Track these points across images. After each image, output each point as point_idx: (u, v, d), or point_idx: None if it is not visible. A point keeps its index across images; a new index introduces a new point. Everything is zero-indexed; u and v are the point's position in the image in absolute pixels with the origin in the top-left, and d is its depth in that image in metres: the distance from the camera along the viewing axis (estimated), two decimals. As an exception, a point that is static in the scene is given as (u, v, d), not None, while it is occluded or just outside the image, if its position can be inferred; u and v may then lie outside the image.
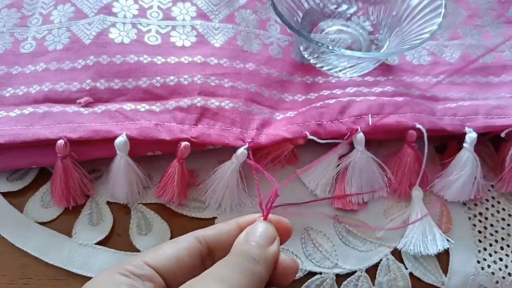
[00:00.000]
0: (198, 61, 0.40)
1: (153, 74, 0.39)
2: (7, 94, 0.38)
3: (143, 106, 0.37)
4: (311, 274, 0.34)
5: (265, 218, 0.27)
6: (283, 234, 0.28)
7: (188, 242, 0.26)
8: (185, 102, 0.37)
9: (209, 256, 0.26)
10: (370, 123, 0.36)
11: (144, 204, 0.36)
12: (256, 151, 0.37)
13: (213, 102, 0.37)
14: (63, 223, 0.35)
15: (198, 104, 0.37)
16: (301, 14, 0.45)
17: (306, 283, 0.33)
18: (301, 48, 0.43)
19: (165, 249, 0.25)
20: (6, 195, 0.36)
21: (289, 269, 0.26)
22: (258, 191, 0.31)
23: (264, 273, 0.24)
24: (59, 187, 0.34)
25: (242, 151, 0.34)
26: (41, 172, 0.37)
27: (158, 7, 0.44)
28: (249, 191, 0.36)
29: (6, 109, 0.37)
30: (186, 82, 0.38)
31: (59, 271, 0.33)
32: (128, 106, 0.37)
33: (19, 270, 0.33)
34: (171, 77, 0.39)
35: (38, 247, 0.33)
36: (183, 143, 0.34)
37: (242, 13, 0.45)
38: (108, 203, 0.36)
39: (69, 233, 0.34)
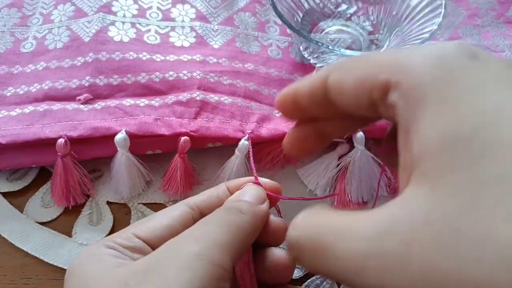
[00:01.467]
0: (197, 59, 0.40)
1: (152, 70, 0.39)
2: (8, 94, 0.38)
3: (142, 101, 0.37)
4: (311, 274, 0.34)
5: (256, 179, 0.27)
6: (273, 197, 0.27)
7: (179, 210, 0.25)
8: (184, 96, 0.37)
9: None
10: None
11: (144, 204, 0.36)
12: (257, 152, 0.37)
13: (212, 97, 0.37)
14: (63, 223, 0.35)
15: (197, 98, 0.37)
16: (301, 14, 0.45)
17: (306, 283, 0.33)
18: (301, 48, 0.43)
19: (156, 220, 0.24)
20: (6, 195, 0.36)
21: (279, 228, 0.26)
22: (251, 162, 0.31)
23: (249, 223, 0.23)
24: (59, 186, 0.34)
25: (243, 142, 0.34)
26: (41, 172, 0.37)
27: (158, 8, 0.44)
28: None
29: (7, 108, 0.37)
30: (185, 78, 0.39)
31: (59, 271, 0.33)
32: (128, 101, 0.37)
33: (19, 270, 0.33)
34: (170, 73, 0.39)
35: (38, 247, 0.33)
36: (183, 138, 0.34)
37: (241, 16, 0.45)
38: (108, 203, 0.36)
39: (69, 233, 0.34)
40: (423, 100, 0.15)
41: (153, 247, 0.22)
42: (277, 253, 0.26)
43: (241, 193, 0.26)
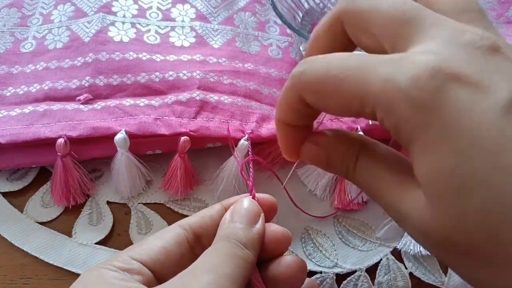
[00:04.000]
0: (197, 59, 0.40)
1: (152, 70, 0.39)
2: (8, 94, 0.38)
3: (142, 101, 0.37)
4: (311, 273, 0.34)
5: (253, 197, 0.27)
6: (269, 211, 0.28)
7: (173, 232, 0.25)
8: (184, 96, 0.37)
9: (197, 243, 0.26)
10: (370, 123, 0.36)
11: (144, 204, 0.36)
12: (257, 152, 0.37)
13: (212, 97, 0.37)
14: (63, 223, 0.35)
15: (197, 98, 0.37)
16: (301, 14, 0.45)
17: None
18: (301, 48, 0.43)
19: (150, 242, 0.25)
20: (6, 195, 0.36)
21: (282, 237, 0.27)
22: (241, 171, 0.31)
23: (251, 255, 0.24)
24: (59, 186, 0.34)
25: (242, 142, 0.34)
26: (41, 171, 0.37)
27: (158, 8, 0.44)
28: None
29: (7, 108, 0.37)
30: (185, 78, 0.39)
31: (59, 271, 0.33)
32: (127, 101, 0.37)
33: (19, 270, 0.33)
34: (170, 73, 0.39)
35: (38, 247, 0.33)
36: (183, 138, 0.34)
37: (241, 16, 0.45)
38: (108, 203, 0.36)
39: (69, 233, 0.34)
40: (410, 140, 0.18)
41: (150, 268, 0.23)
42: (287, 262, 0.26)
43: (235, 211, 0.26)
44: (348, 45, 0.23)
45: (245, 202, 0.27)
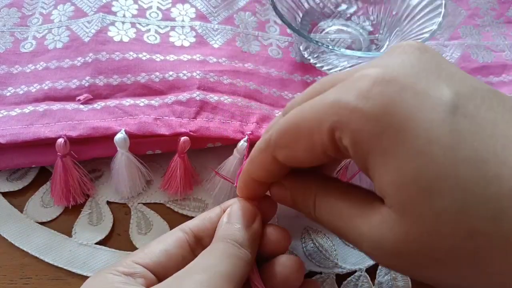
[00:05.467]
0: (197, 59, 0.40)
1: (152, 70, 0.39)
2: (8, 94, 0.38)
3: (142, 101, 0.37)
4: (311, 273, 0.34)
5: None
6: (268, 211, 0.28)
7: (174, 235, 0.26)
8: (184, 96, 0.37)
9: (198, 245, 0.26)
10: None
11: (144, 204, 0.36)
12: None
13: (212, 97, 0.37)
14: (63, 223, 0.35)
15: (197, 98, 0.37)
16: (301, 14, 0.45)
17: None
18: (301, 48, 0.43)
19: (152, 247, 0.25)
20: (6, 195, 0.36)
21: (281, 237, 0.27)
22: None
23: (248, 254, 0.24)
24: (58, 186, 0.34)
25: (242, 143, 0.34)
26: (41, 171, 0.37)
27: (158, 8, 0.44)
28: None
29: (6, 108, 0.37)
30: (185, 78, 0.39)
31: (59, 271, 0.33)
32: (127, 101, 0.37)
33: (19, 270, 0.33)
34: (170, 73, 0.39)
35: (38, 247, 0.33)
36: (183, 138, 0.34)
37: (241, 15, 0.45)
38: (108, 203, 0.36)
39: (69, 233, 0.34)
40: (368, 152, 0.18)
41: (152, 271, 0.24)
42: (283, 261, 0.27)
43: (232, 212, 0.27)
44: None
45: (242, 203, 0.27)
